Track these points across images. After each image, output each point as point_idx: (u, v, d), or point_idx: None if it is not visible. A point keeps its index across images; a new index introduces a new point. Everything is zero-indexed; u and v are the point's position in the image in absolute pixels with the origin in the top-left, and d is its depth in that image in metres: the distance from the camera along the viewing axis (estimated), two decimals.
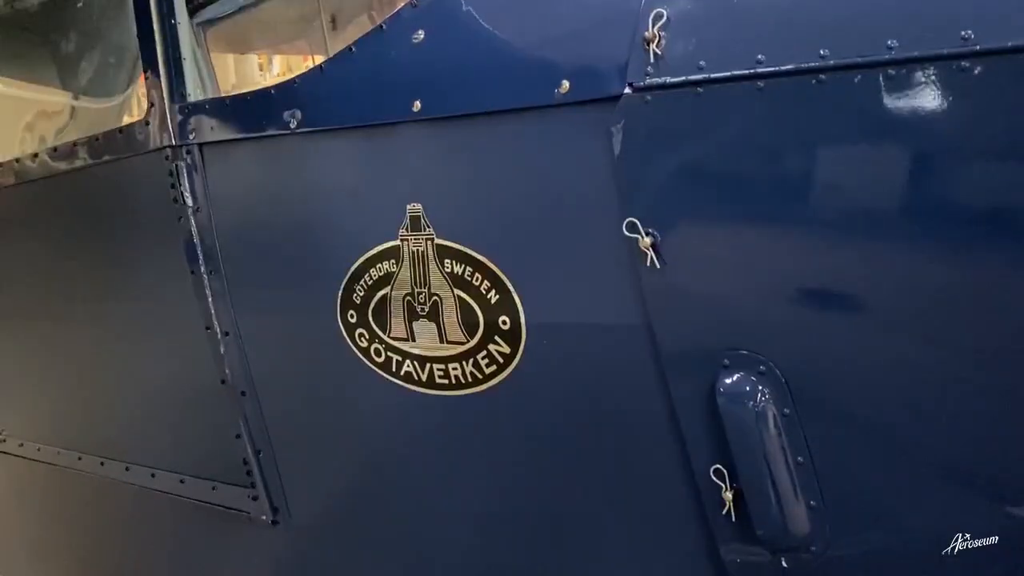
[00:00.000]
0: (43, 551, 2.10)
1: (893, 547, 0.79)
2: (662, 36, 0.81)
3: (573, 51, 0.89)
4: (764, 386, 0.80)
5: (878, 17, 0.70)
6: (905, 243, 0.71)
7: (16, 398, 2.02)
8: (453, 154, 1.01)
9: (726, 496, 0.84)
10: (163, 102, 1.33)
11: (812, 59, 0.72)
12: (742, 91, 0.76)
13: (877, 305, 0.74)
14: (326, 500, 1.31)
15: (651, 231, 0.83)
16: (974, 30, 0.65)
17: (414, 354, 1.09)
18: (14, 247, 1.89)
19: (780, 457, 0.80)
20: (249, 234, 1.28)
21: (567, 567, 1.02)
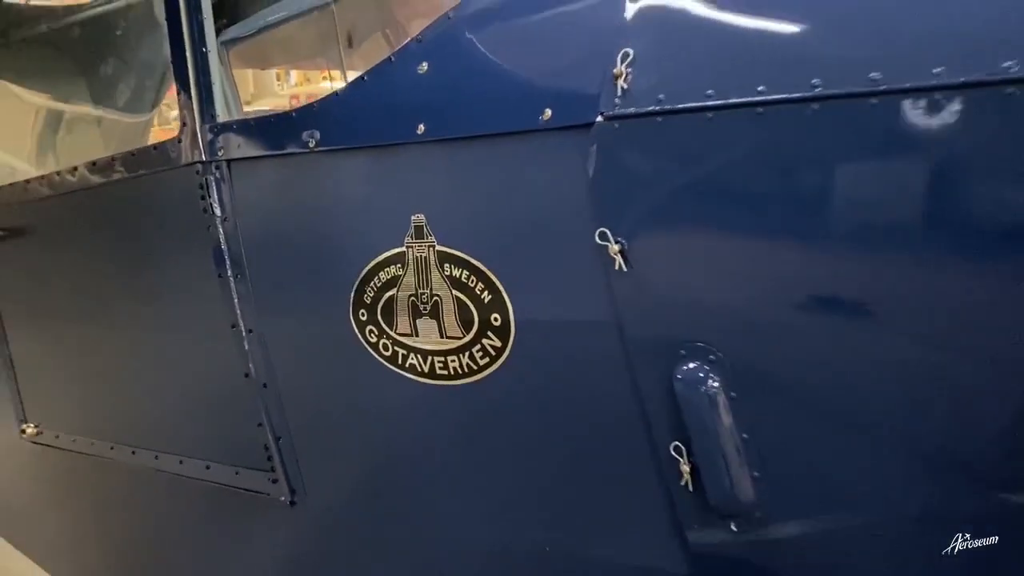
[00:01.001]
0: (76, 535, 2.25)
1: (828, 511, 0.92)
2: (628, 72, 0.94)
3: (555, 84, 1.02)
4: (715, 373, 0.93)
5: (806, 59, 0.83)
6: (832, 247, 0.83)
7: (53, 394, 2.16)
8: (453, 171, 1.15)
9: (684, 469, 0.97)
10: (194, 122, 1.47)
11: (751, 94, 0.85)
12: (694, 121, 0.89)
13: (807, 304, 0.87)
14: (339, 481, 1.45)
15: (619, 239, 0.96)
16: (882, 71, 0.78)
17: (417, 348, 1.22)
18: (52, 253, 2.04)
19: (728, 434, 0.93)
20: (271, 241, 1.42)
21: (553, 535, 1.15)
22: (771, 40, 0.87)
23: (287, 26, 2.50)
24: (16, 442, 2.26)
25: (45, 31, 2.67)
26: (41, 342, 2.16)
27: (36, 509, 2.39)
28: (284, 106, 4.87)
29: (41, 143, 2.69)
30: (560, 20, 1.06)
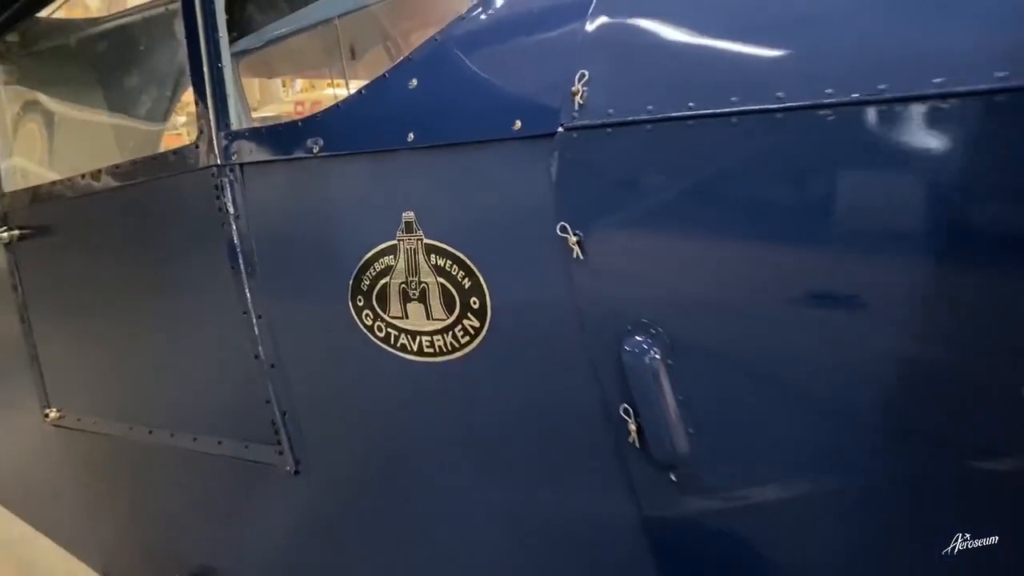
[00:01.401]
0: (95, 512, 2.42)
1: (752, 463, 1.08)
2: (584, 90, 1.11)
3: (524, 99, 1.19)
4: (655, 345, 1.09)
5: (726, 80, 1.00)
6: (741, 236, 1.00)
7: (74, 381, 2.34)
8: (438, 174, 1.32)
9: (631, 428, 1.13)
10: (210, 130, 1.65)
11: (683, 109, 1.02)
12: (637, 131, 1.06)
13: (727, 285, 1.04)
14: (338, 450, 1.61)
15: (577, 232, 1.13)
16: (786, 91, 0.95)
17: (407, 329, 1.39)
18: (75, 250, 2.22)
19: (666, 397, 1.09)
20: (279, 236, 1.59)
21: (525, 489, 1.32)
22: (701, 63, 1.04)
23: (294, 39, 2.67)
24: (39, 425, 2.43)
25: (67, 43, 2.84)
26: (64, 332, 2.34)
27: (57, 489, 2.56)
28: (289, 111, 5.07)
29: (56, 149, 2.85)
30: (529, 45, 1.23)
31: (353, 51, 3.12)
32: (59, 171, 2.50)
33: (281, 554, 1.81)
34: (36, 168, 2.58)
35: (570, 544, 1.28)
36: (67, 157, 2.73)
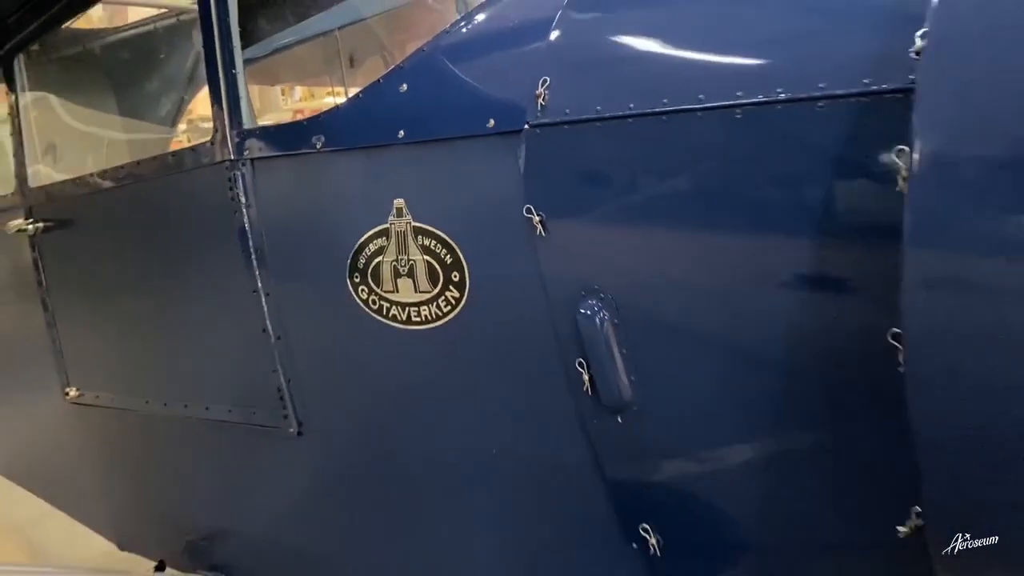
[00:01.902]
0: (113, 484, 2.62)
1: (685, 407, 1.29)
2: (546, 93, 1.32)
3: (496, 100, 1.40)
4: (604, 307, 1.30)
5: (659, 84, 1.21)
6: (670, 217, 1.22)
7: (93, 360, 2.54)
8: (424, 165, 1.53)
9: (585, 378, 1.34)
10: (224, 128, 1.85)
11: (625, 110, 1.24)
12: (588, 128, 1.27)
13: (664, 257, 1.25)
14: (336, 412, 1.82)
15: (540, 212, 1.34)
16: (706, 92, 1.16)
17: (398, 301, 1.60)
18: (96, 239, 2.43)
19: (613, 352, 1.30)
20: (285, 222, 1.79)
21: (498, 437, 1.53)
22: (639, 71, 1.25)
23: (297, 48, 2.89)
24: (59, 404, 2.63)
25: (83, 52, 3.05)
26: (84, 317, 2.54)
27: (74, 464, 2.76)
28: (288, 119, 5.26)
29: (75, 150, 3.05)
30: (501, 55, 1.45)
31: (352, 60, 3.34)
32: (77, 170, 2.70)
33: (286, 508, 2.02)
34: (57, 167, 2.78)
35: (536, 478, 1.49)
36: (85, 157, 2.93)
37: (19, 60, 2.63)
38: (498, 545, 1.62)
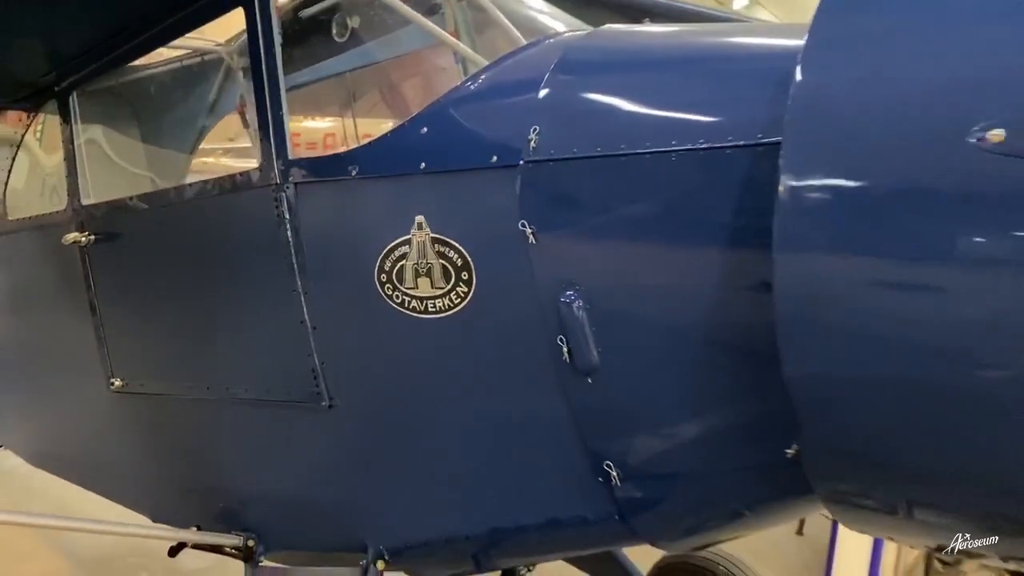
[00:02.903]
0: (152, 463, 3.02)
1: (636, 370, 1.75)
2: (536, 137, 1.79)
3: (498, 141, 1.87)
4: (579, 297, 1.76)
5: (617, 132, 1.68)
6: (633, 230, 1.69)
7: (137, 355, 2.94)
8: (441, 190, 1.98)
9: (564, 351, 1.80)
10: (272, 158, 2.28)
11: (593, 152, 1.71)
12: (568, 165, 1.74)
13: (622, 258, 1.72)
14: (362, 388, 2.25)
15: (532, 226, 1.80)
16: (650, 141, 1.63)
17: (417, 296, 2.03)
18: (145, 250, 2.85)
19: (585, 330, 1.76)
20: (323, 234, 2.22)
21: (494, 401, 1.98)
22: (603, 123, 1.73)
23: (310, 88, 3.34)
24: (103, 394, 3.02)
25: (121, 86, 3.46)
26: (130, 316, 2.95)
27: (117, 448, 3.14)
28: None
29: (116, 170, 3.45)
30: (502, 107, 1.93)
31: (355, 95, 3.81)
32: (123, 189, 3.12)
33: (314, 471, 2.44)
34: (103, 187, 3.18)
35: (526, 428, 1.95)
36: (125, 178, 3.34)
37: (74, 96, 3.05)
38: (497, 484, 2.06)
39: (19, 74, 3.08)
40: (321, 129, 6.41)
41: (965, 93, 1.22)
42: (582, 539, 2.13)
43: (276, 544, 2.69)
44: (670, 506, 1.89)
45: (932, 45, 1.30)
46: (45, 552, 4.50)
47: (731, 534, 2.00)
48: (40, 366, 3.52)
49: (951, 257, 1.23)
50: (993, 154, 1.16)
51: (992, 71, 1.21)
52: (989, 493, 1.40)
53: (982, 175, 1.18)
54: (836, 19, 1.41)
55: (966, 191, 1.20)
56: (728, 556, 3.48)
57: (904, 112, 1.28)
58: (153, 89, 3.74)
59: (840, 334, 1.36)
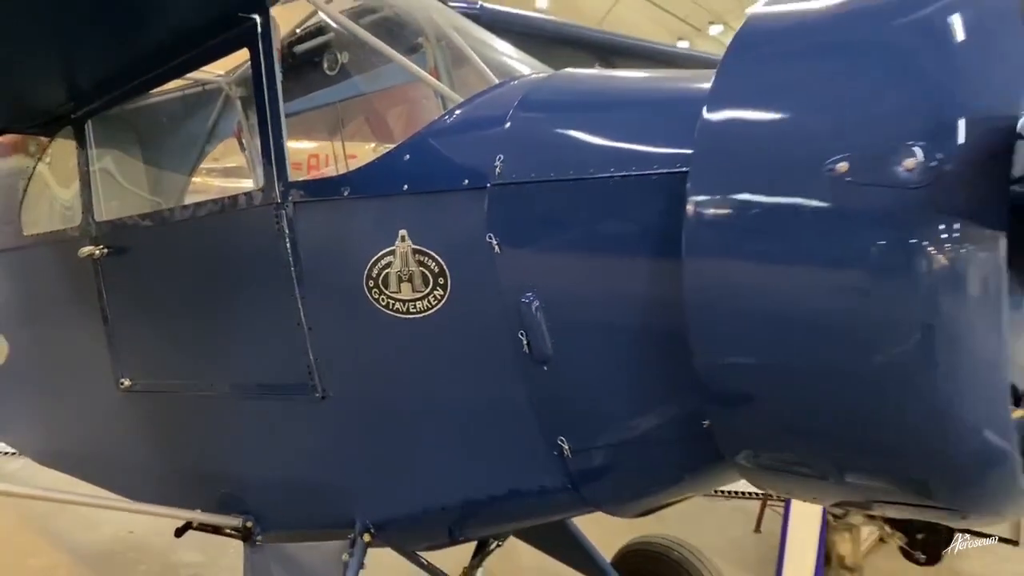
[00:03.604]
0: (156, 454, 3.32)
1: (579, 357, 2.10)
2: (501, 165, 2.14)
3: (468, 167, 2.22)
4: (536, 297, 2.10)
5: (570, 165, 2.04)
6: (573, 243, 2.04)
7: (144, 357, 3.26)
8: (421, 208, 2.32)
9: (524, 343, 2.14)
10: (273, 179, 2.62)
11: (548, 176, 2.06)
12: (527, 188, 2.09)
13: (567, 267, 2.07)
14: (351, 380, 2.58)
15: (497, 238, 2.15)
16: (594, 167, 1.99)
17: (400, 299, 2.37)
18: (153, 262, 3.17)
19: (541, 325, 2.11)
20: (319, 245, 2.56)
21: (466, 390, 2.31)
22: (556, 153, 2.09)
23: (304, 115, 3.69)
24: (112, 393, 3.33)
25: (129, 112, 3.79)
26: (138, 322, 3.26)
27: (123, 443, 3.45)
28: None
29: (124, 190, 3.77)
30: (473, 138, 2.29)
31: (343, 122, 4.16)
32: (134, 207, 3.44)
33: (307, 456, 2.77)
34: (115, 205, 3.50)
35: (493, 410, 2.29)
36: (135, 196, 3.67)
37: (89, 124, 3.38)
38: (467, 461, 2.40)
39: (39, 104, 3.41)
40: (306, 150, 6.78)
41: (822, 134, 1.59)
42: (542, 508, 2.47)
43: (272, 524, 3.00)
44: (615, 475, 2.23)
45: (801, 97, 1.67)
46: (47, 548, 4.75)
47: (674, 497, 2.36)
48: (52, 370, 3.82)
49: (813, 261, 1.59)
50: (840, 180, 1.53)
51: (840, 118, 1.58)
52: (857, 452, 1.75)
53: (832, 196, 1.54)
54: (733, 73, 1.78)
55: (821, 209, 1.56)
56: (681, 542, 3.84)
57: (779, 147, 1.64)
58: (158, 116, 4.08)
59: (735, 327, 1.72)
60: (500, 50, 3.08)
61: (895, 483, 1.76)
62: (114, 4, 2.55)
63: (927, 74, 1.55)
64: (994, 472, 1.60)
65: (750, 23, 1.85)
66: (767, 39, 1.81)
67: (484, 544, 3.30)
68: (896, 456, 1.69)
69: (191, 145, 4.19)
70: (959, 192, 1.47)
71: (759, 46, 1.81)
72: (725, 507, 5.92)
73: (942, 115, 1.49)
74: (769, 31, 1.82)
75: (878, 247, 1.51)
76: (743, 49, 1.82)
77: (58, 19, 2.59)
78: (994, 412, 1.54)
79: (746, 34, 1.83)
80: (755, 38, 1.82)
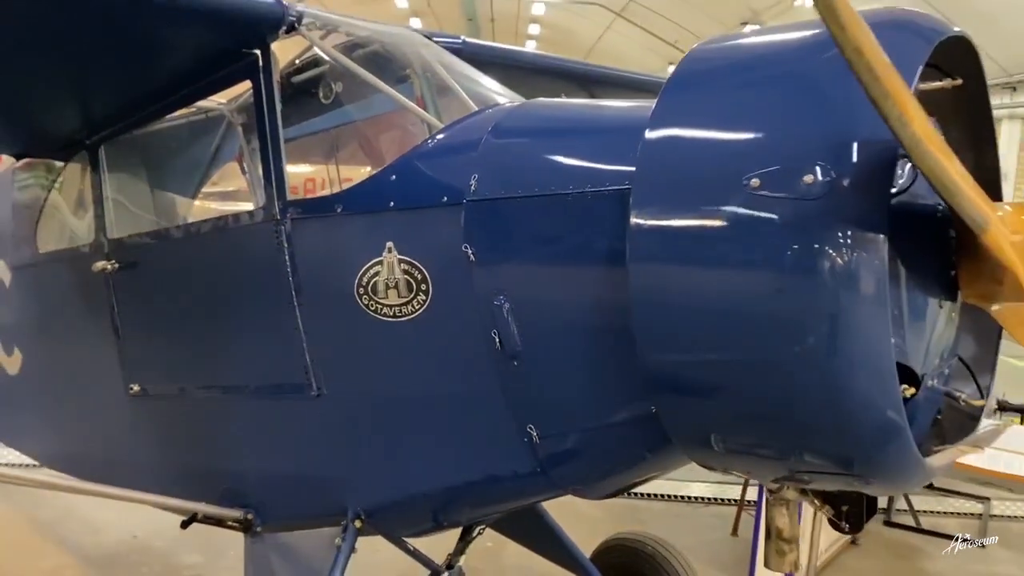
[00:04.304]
0: (164, 452, 3.57)
1: (551, 346, 2.37)
2: (475, 183, 2.43)
3: (445, 185, 2.51)
4: (507, 300, 2.38)
5: (529, 179, 2.33)
6: (536, 254, 2.33)
7: (152, 364, 3.52)
8: (405, 221, 2.60)
9: (497, 341, 2.40)
10: (273, 199, 2.90)
11: (516, 193, 2.35)
12: (498, 203, 2.38)
13: (531, 276, 2.35)
14: (344, 377, 2.85)
15: (472, 247, 2.43)
16: (555, 185, 2.28)
17: (387, 304, 2.64)
18: (162, 276, 3.44)
19: (511, 325, 2.38)
20: (315, 255, 2.83)
21: (445, 384, 2.58)
22: (522, 173, 2.37)
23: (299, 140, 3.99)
24: (122, 398, 3.59)
25: (138, 138, 4.07)
26: (147, 331, 3.53)
27: (131, 444, 3.70)
28: None
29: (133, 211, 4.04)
30: (450, 160, 2.58)
31: (336, 146, 4.45)
32: (144, 225, 3.72)
33: (304, 450, 3.03)
34: (127, 223, 3.77)
35: (469, 401, 2.55)
36: (143, 215, 3.94)
37: (102, 148, 3.67)
38: (447, 449, 2.67)
39: (57, 132, 3.71)
40: (302, 174, 7.10)
41: (740, 154, 1.88)
42: (516, 492, 2.74)
43: (271, 516, 3.26)
44: (579, 458, 2.50)
45: (724, 122, 1.97)
46: (55, 551, 4.97)
47: (637, 477, 2.62)
48: (65, 378, 4.08)
49: (734, 264, 1.87)
50: (754, 194, 1.81)
51: (755, 141, 1.88)
52: (782, 431, 2.02)
53: (748, 208, 1.83)
54: (670, 102, 2.08)
55: (740, 218, 1.85)
56: (655, 538, 4.10)
57: (706, 165, 1.93)
58: (165, 141, 4.37)
59: (672, 324, 1.99)
60: (479, 81, 3.38)
61: (815, 456, 2.03)
62: (129, 46, 2.85)
63: (827, 104, 1.84)
64: (891, 443, 1.88)
65: (687, 59, 2.15)
66: (700, 73, 2.11)
67: (468, 531, 3.55)
68: (813, 432, 1.96)
69: (195, 167, 4.47)
70: (851, 202, 1.76)
71: (693, 79, 2.11)
72: (705, 513, 6.16)
73: (837, 138, 1.79)
74: (702, 66, 2.12)
75: (784, 250, 1.79)
76: (679, 81, 2.11)
77: (78, 62, 2.90)
78: (885, 390, 1.82)
79: (683, 68, 2.13)
80: (690, 72, 2.12)
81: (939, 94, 2.14)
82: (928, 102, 2.15)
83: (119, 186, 3.82)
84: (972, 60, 2.17)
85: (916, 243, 2.03)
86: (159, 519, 4.02)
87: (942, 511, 6.25)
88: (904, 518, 5.93)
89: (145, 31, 2.78)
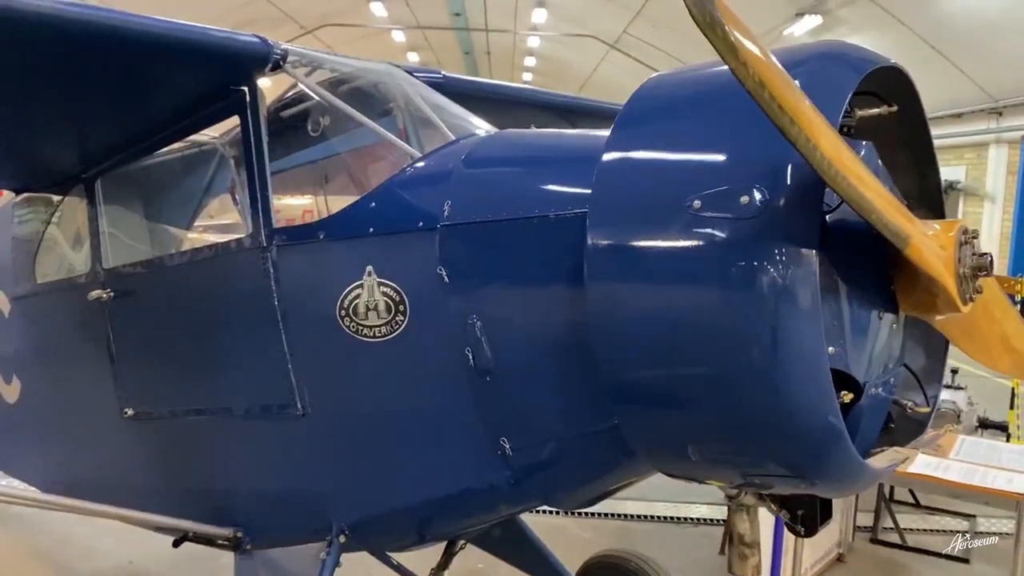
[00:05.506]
0: (158, 473, 3.69)
1: (518, 357, 2.50)
2: (448, 209, 2.59)
3: (423, 210, 2.66)
4: (479, 319, 2.51)
5: (494, 204, 2.48)
6: (505, 273, 2.47)
7: (145, 388, 3.65)
8: (384, 247, 2.75)
9: (470, 357, 2.53)
10: (259, 226, 3.05)
11: (486, 217, 2.50)
12: (469, 228, 2.52)
13: (495, 297, 2.49)
14: (327, 398, 2.97)
15: (446, 270, 2.57)
16: (521, 211, 2.43)
17: (367, 324, 2.78)
18: (154, 302, 3.58)
19: (482, 342, 2.51)
20: (299, 280, 2.97)
21: (423, 397, 2.71)
22: (489, 201, 2.52)
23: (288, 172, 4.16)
24: (117, 421, 3.71)
25: (133, 171, 4.23)
26: (141, 357, 3.66)
27: (127, 465, 3.81)
28: None
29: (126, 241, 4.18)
30: (426, 188, 2.73)
31: (327, 177, 4.61)
32: (139, 254, 3.86)
33: (290, 467, 3.14)
34: (121, 253, 3.92)
35: (444, 416, 2.68)
36: (139, 245, 4.09)
37: (98, 182, 3.82)
38: (426, 464, 2.79)
39: (55, 167, 3.88)
40: (300, 206, 7.29)
41: (684, 178, 2.03)
42: (492, 504, 2.86)
43: (259, 533, 3.37)
44: (550, 469, 2.62)
45: (670, 149, 2.13)
46: None
47: (608, 486, 2.74)
48: (62, 404, 4.21)
49: (680, 280, 2.01)
50: (696, 215, 1.96)
51: (697, 166, 2.03)
52: (733, 438, 2.14)
53: (690, 227, 1.97)
54: (622, 131, 2.24)
55: (684, 237, 1.99)
56: (638, 554, 4.18)
57: (654, 190, 2.08)
58: (160, 174, 4.54)
59: (627, 339, 2.12)
60: (458, 113, 3.55)
61: (765, 461, 2.15)
62: (123, 85, 3.01)
63: (763, 131, 1.99)
64: (831, 446, 2.00)
65: (638, 93, 2.31)
66: (649, 104, 2.27)
67: (451, 545, 3.66)
68: (762, 439, 2.08)
69: (190, 199, 4.63)
70: (784, 220, 1.90)
71: (643, 110, 2.26)
72: (693, 532, 6.24)
73: (771, 162, 1.93)
74: (651, 98, 2.28)
75: (725, 266, 1.93)
76: (631, 112, 2.27)
77: (75, 102, 3.07)
78: (822, 396, 1.94)
79: (634, 100, 2.29)
80: (641, 103, 2.28)
81: (884, 121, 2.30)
82: (872, 129, 2.33)
83: (115, 218, 3.98)
84: (909, 88, 2.33)
85: (856, 258, 2.17)
86: (154, 545, 4.13)
87: (928, 528, 6.32)
88: (890, 535, 6.00)
89: (138, 71, 2.95)
